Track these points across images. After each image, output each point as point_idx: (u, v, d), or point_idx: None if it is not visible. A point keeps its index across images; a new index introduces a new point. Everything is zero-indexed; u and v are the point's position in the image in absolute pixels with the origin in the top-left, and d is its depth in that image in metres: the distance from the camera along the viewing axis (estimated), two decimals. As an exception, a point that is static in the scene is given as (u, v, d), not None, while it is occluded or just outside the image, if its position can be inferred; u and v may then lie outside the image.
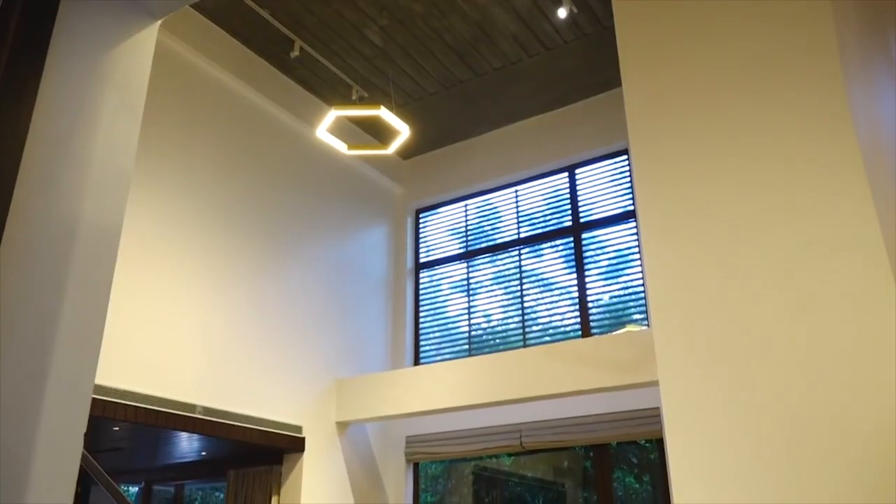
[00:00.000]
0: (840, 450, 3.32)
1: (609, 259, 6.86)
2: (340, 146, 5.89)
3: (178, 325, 5.31)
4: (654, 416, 5.78)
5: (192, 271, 5.53)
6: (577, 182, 7.24)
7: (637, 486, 6.38)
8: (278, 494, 6.10)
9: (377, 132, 7.57)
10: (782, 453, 3.44)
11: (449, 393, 6.03)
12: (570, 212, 7.19)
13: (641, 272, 6.39)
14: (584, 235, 7.02)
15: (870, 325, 3.44)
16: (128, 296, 4.96)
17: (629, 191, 6.86)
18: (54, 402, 1.02)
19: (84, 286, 1.07)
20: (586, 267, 6.90)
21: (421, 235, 8.08)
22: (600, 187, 7.08)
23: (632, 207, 6.76)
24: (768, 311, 3.71)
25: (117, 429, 5.19)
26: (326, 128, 5.64)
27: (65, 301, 1.04)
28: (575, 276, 6.92)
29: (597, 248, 6.95)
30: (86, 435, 1.19)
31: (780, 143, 4.00)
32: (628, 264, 6.69)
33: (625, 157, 6.95)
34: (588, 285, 6.83)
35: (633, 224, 6.72)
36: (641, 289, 6.44)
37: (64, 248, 1.03)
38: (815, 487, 3.32)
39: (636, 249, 6.60)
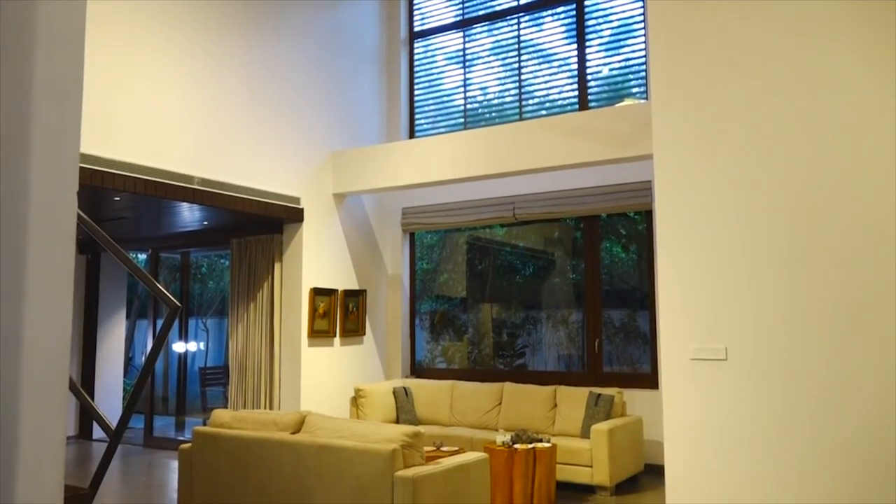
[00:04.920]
0: (836, 219, 3.41)
1: (612, 29, 6.57)
2: None
3: (169, 101, 5.23)
4: (644, 189, 5.89)
5: (179, 46, 5.33)
6: (584, -58, 6.71)
7: (623, 255, 6.68)
8: (280, 262, 6.39)
9: None
10: (770, 222, 3.54)
11: (444, 165, 6.08)
12: (574, -24, 6.74)
13: (644, 43, 6.15)
14: (587, 2, 6.65)
15: (870, 102, 3.38)
16: (119, 72, 4.84)
17: (639, -48, 6.38)
18: (41, 157, 1.02)
19: (55, 39, 1.03)
20: (587, 37, 6.63)
21: (415, 1, 7.65)
22: (608, -52, 6.58)
23: (640, -29, 6.33)
24: (768, 86, 3.62)
25: (118, 199, 5.29)
26: None
27: (36, 52, 1.00)
28: (575, 47, 6.67)
29: (600, 17, 6.62)
30: (81, 196, 1.21)
31: None
32: (631, 34, 6.41)
33: (637, -88, 6.37)
34: (588, 57, 6.61)
35: (640, -10, 6.33)
36: (643, 62, 6.23)
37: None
38: (804, 253, 3.47)
39: (641, 19, 6.28)
